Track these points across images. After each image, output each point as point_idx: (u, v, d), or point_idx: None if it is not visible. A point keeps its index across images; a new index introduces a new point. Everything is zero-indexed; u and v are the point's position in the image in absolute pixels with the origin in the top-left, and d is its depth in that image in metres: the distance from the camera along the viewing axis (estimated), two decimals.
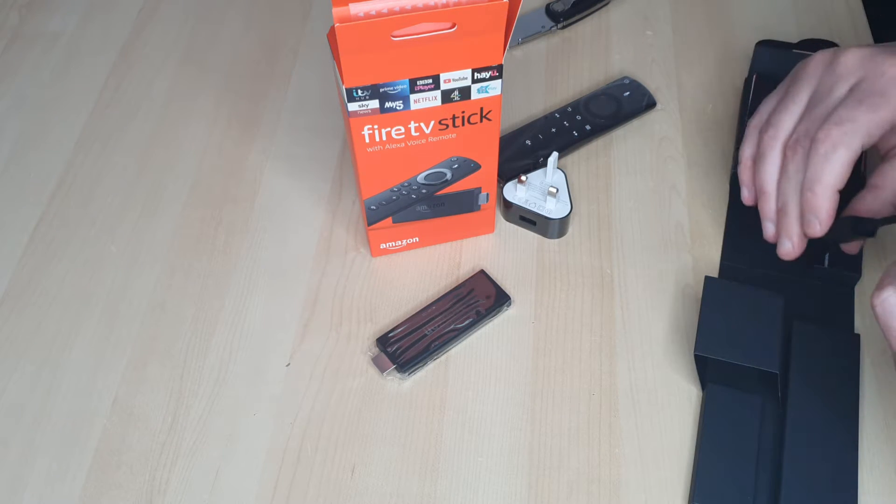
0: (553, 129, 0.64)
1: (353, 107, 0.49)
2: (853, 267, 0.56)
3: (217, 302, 0.58)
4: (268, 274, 0.59)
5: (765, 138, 0.53)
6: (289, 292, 0.58)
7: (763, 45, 0.67)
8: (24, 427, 0.53)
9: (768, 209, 0.53)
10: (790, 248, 0.52)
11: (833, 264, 0.56)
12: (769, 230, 0.53)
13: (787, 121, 0.52)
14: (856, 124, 0.48)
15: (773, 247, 0.56)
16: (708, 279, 0.53)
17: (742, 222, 0.60)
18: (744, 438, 0.50)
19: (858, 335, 0.53)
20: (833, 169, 0.48)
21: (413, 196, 0.55)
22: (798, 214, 0.51)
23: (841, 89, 0.50)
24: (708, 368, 0.52)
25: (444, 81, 0.49)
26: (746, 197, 0.55)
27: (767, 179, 0.53)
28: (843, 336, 0.53)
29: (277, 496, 0.50)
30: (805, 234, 0.51)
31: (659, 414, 0.52)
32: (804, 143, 0.50)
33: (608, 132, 0.66)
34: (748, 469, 0.49)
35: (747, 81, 0.65)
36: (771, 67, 0.65)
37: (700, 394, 0.53)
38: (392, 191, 0.55)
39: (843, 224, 0.51)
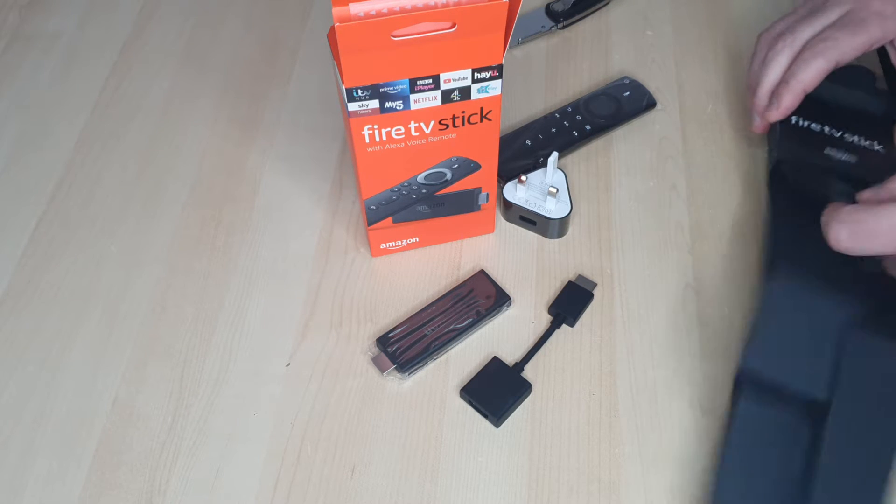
0: (553, 129, 0.64)
1: (353, 107, 0.49)
2: None
3: (217, 302, 0.58)
4: (268, 274, 0.59)
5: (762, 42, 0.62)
6: (289, 292, 0.58)
7: None
8: (24, 427, 0.53)
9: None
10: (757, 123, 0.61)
11: None
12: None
13: (779, 24, 0.61)
14: (837, 42, 0.57)
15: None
16: (775, 267, 0.48)
17: (786, 212, 0.55)
18: (772, 463, 0.46)
19: None
20: (808, 73, 0.57)
21: (413, 196, 0.55)
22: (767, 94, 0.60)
23: (834, 13, 0.58)
24: (746, 379, 0.47)
25: (444, 81, 0.49)
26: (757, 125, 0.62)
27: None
28: None
29: (277, 496, 0.50)
30: (766, 118, 0.60)
31: (659, 414, 0.52)
32: (787, 39, 0.59)
33: (608, 132, 0.66)
34: (772, 496, 0.45)
35: None
36: None
37: (699, 394, 0.53)
38: (392, 191, 0.55)
39: None
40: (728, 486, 0.46)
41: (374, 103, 0.49)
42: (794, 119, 0.61)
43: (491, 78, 0.49)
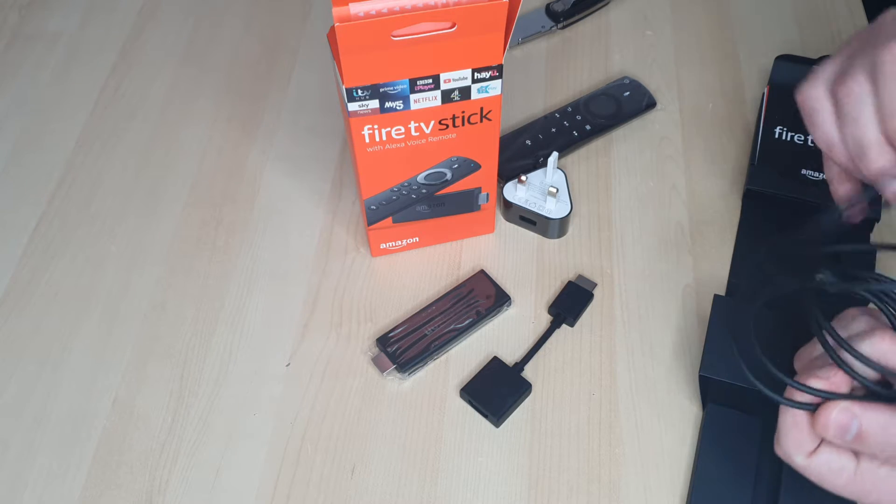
0: (553, 129, 0.64)
1: (353, 107, 0.49)
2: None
3: (217, 302, 0.58)
4: (268, 274, 0.59)
5: (803, 96, 0.45)
6: (289, 292, 0.58)
7: (783, 59, 0.66)
8: (24, 427, 0.53)
9: (831, 170, 0.44)
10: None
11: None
12: (839, 192, 0.44)
13: (828, 67, 0.45)
14: None
15: (781, 267, 0.54)
16: (716, 298, 0.51)
17: (750, 240, 0.59)
18: (742, 461, 0.49)
19: None
20: None
21: (413, 196, 0.55)
22: (885, 149, 0.41)
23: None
24: (711, 388, 0.50)
25: (444, 81, 0.49)
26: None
27: (824, 134, 0.44)
28: None
29: (277, 496, 0.50)
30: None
31: (659, 413, 0.52)
32: (856, 75, 0.42)
33: (608, 132, 0.66)
34: (745, 493, 0.48)
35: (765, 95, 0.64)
36: (789, 81, 0.63)
37: (698, 393, 0.53)
38: (392, 191, 0.55)
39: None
40: (704, 483, 0.48)
41: (374, 103, 0.49)
42: (777, 131, 0.61)
43: (491, 78, 0.49)
